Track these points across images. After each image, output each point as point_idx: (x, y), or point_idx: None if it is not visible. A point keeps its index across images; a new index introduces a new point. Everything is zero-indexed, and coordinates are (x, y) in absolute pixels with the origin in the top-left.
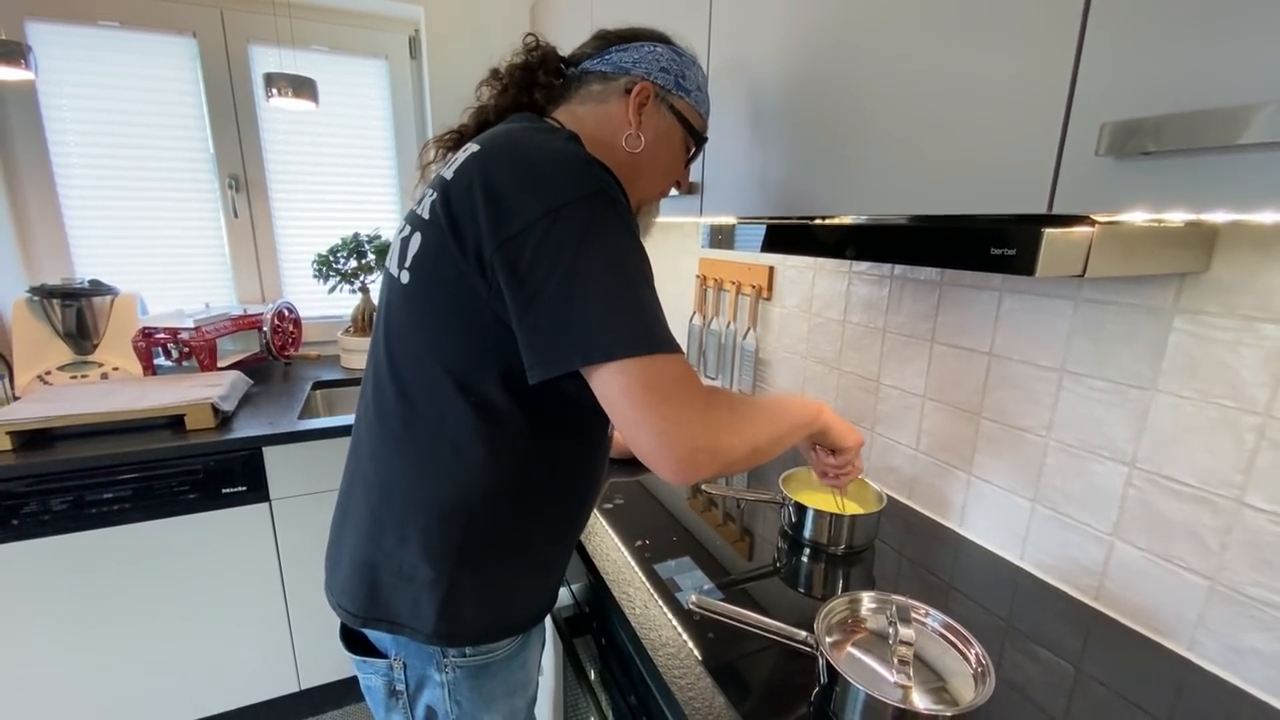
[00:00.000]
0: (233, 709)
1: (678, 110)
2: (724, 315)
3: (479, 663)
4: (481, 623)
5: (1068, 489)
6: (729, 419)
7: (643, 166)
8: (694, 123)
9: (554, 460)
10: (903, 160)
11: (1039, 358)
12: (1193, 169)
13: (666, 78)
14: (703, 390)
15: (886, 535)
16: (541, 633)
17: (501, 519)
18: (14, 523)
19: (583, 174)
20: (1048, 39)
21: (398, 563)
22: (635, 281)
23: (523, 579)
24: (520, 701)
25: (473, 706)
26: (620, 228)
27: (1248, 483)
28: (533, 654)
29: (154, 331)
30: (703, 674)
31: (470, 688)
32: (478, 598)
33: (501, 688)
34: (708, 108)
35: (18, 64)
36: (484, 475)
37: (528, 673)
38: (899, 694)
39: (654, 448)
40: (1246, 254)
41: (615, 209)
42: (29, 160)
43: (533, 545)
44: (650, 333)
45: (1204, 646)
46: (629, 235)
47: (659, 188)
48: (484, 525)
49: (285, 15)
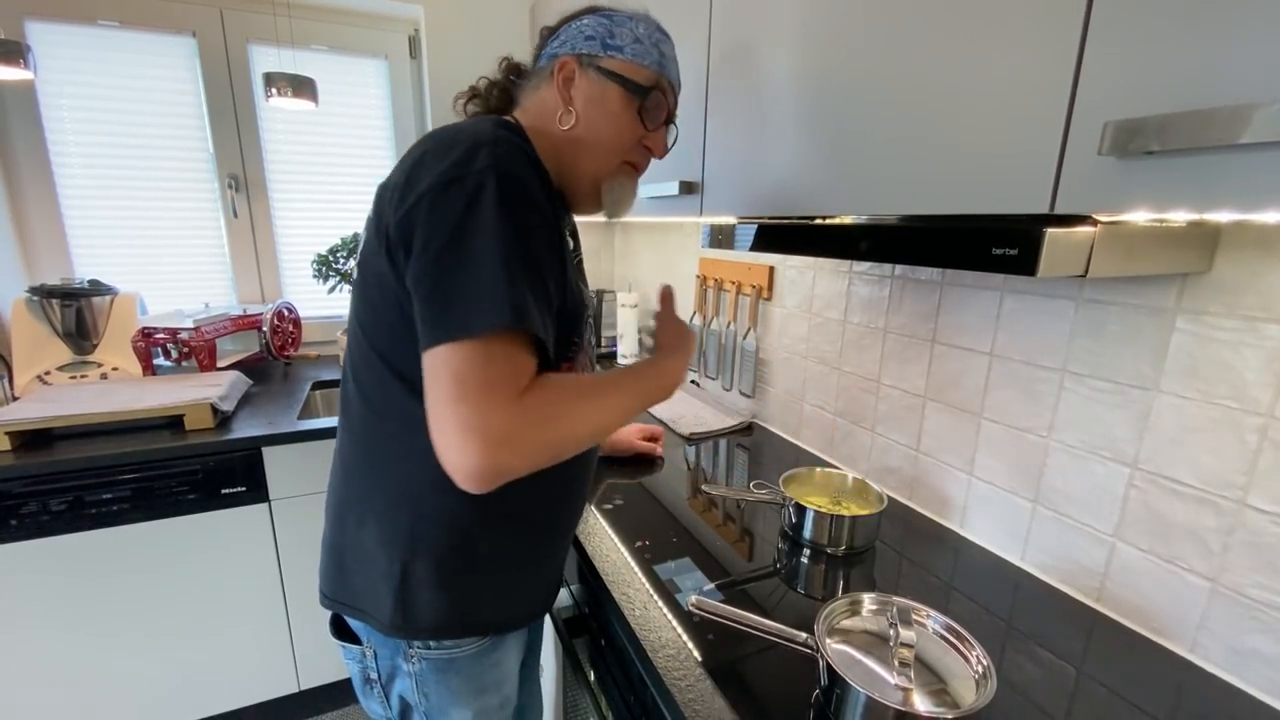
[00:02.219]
0: (232, 709)
1: (610, 70)
2: (724, 315)
3: (444, 657)
4: (437, 617)
5: (1069, 490)
6: (539, 428)
7: (582, 140)
8: (633, 76)
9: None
10: (904, 160)
11: (1040, 358)
12: (1196, 168)
13: (591, 44)
14: (516, 388)
15: (887, 536)
16: (523, 637)
17: (450, 511)
18: (13, 523)
19: (477, 151)
20: (1050, 38)
21: (359, 547)
22: (488, 259)
23: (482, 580)
24: (493, 701)
25: (440, 700)
26: (500, 204)
27: (1250, 484)
28: (509, 656)
29: (153, 331)
30: (702, 675)
31: (436, 681)
32: (433, 592)
33: (469, 685)
34: (655, 57)
35: (17, 63)
36: (428, 463)
37: (501, 673)
38: (900, 696)
39: (441, 448)
40: (1249, 254)
41: (506, 185)
42: (28, 160)
43: (489, 544)
44: (472, 317)
45: (1206, 648)
46: (510, 213)
47: (611, 158)
48: (432, 515)
49: (285, 15)
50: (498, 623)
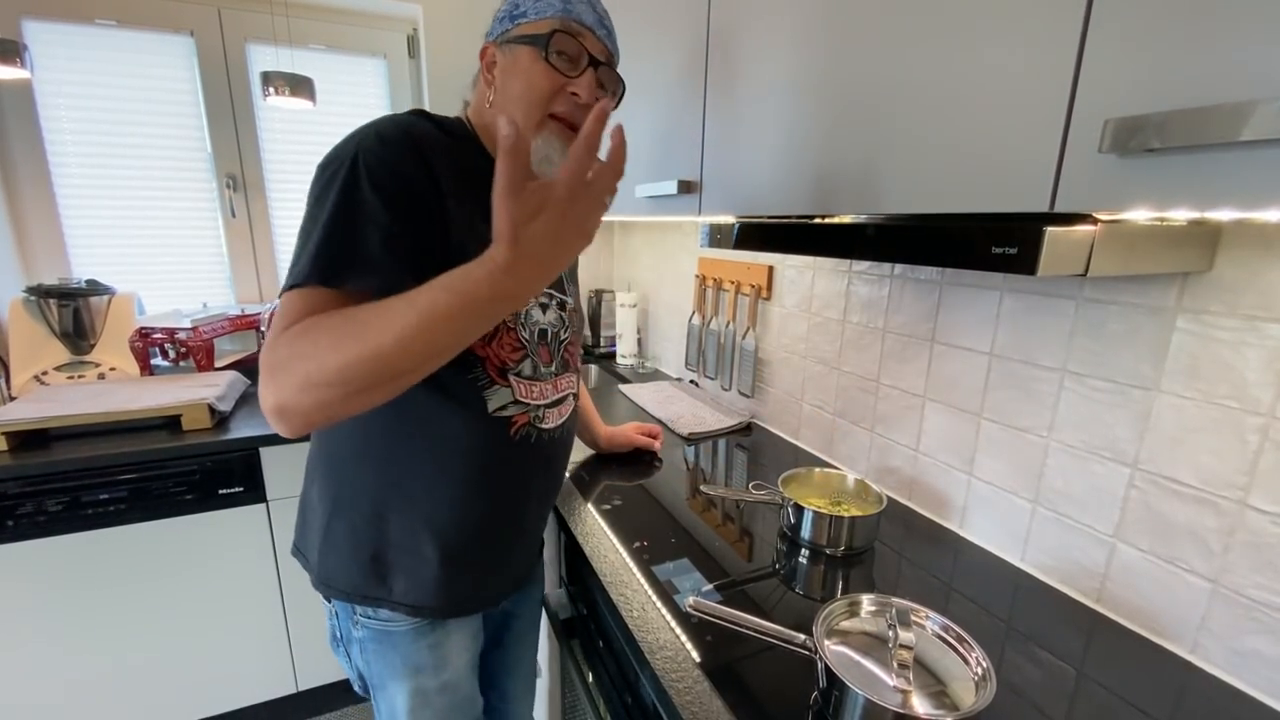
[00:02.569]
0: (230, 710)
1: (516, 36)
2: (723, 315)
3: (381, 629)
4: (351, 580)
5: (1069, 490)
6: (299, 358)
7: (500, 104)
8: (535, 30)
9: (411, 418)
10: (903, 158)
11: (1040, 358)
12: (1197, 166)
13: (502, 23)
14: (293, 326)
15: (886, 537)
16: (471, 629)
17: (364, 483)
18: (10, 524)
19: (350, 140)
20: (1050, 34)
21: (309, 501)
22: (318, 226)
23: (395, 558)
24: (429, 682)
25: (379, 669)
26: (349, 178)
27: (1251, 484)
28: (450, 642)
29: (151, 331)
30: (700, 677)
31: (375, 651)
32: (346, 548)
33: (403, 662)
34: (558, 5)
35: (14, 63)
36: (350, 434)
37: (440, 657)
38: (899, 698)
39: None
40: (1250, 253)
41: (364, 159)
42: (25, 159)
43: (398, 526)
44: (290, 276)
45: (1206, 649)
46: (357, 184)
47: (530, 112)
48: (351, 484)
49: (283, 14)
50: (415, 606)
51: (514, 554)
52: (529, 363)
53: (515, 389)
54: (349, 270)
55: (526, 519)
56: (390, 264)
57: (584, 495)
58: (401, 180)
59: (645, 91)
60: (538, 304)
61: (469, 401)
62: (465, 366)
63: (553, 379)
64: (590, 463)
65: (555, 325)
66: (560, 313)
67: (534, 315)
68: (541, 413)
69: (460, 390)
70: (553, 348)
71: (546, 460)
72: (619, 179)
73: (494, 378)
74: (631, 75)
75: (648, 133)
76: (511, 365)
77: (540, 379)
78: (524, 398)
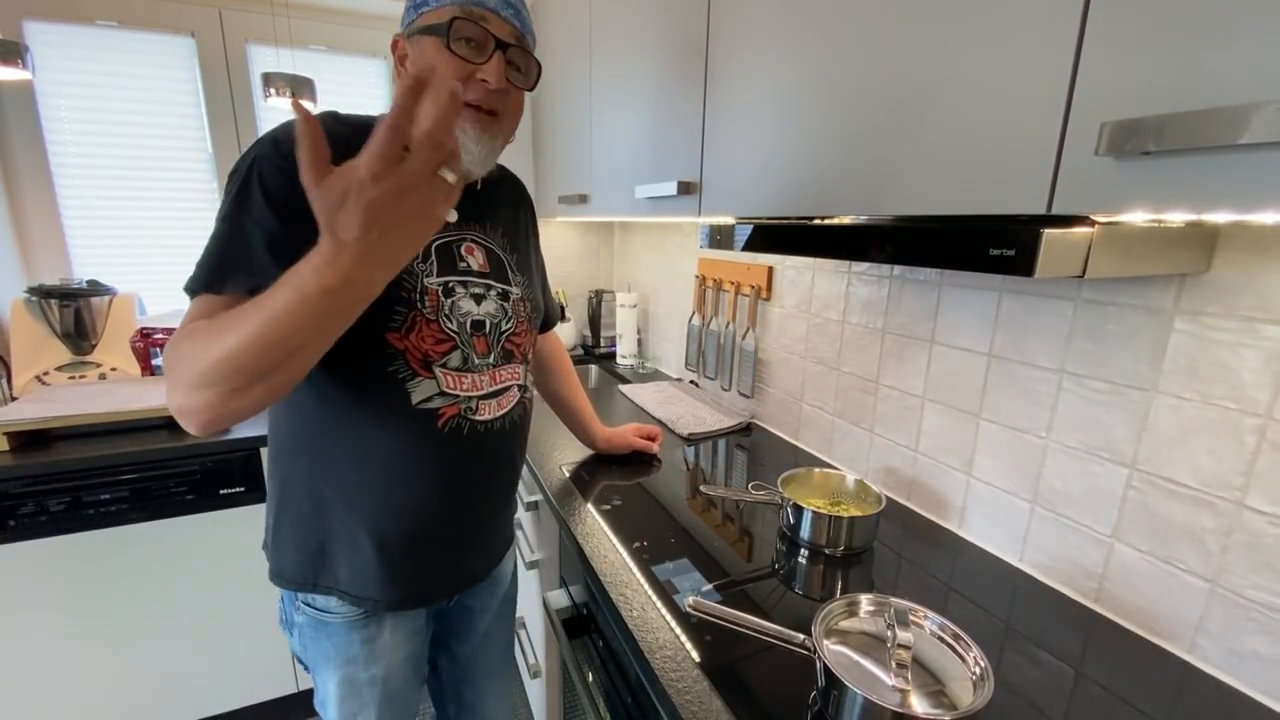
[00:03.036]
0: (230, 710)
1: (420, 28)
2: (723, 315)
3: (317, 619)
4: (294, 568)
5: (1068, 491)
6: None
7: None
8: (436, 20)
9: (338, 411)
10: (902, 160)
11: (1038, 359)
12: (1193, 169)
13: (408, 15)
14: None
15: (885, 537)
16: (411, 628)
17: (302, 469)
18: (11, 524)
19: (249, 150)
20: (1047, 37)
21: (269, 491)
22: (213, 236)
23: (336, 545)
24: (360, 674)
25: (314, 655)
26: (239, 191)
27: (1248, 485)
28: (387, 638)
29: (152, 332)
30: (700, 676)
31: (312, 639)
32: (293, 540)
33: (336, 651)
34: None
35: (15, 64)
36: (289, 428)
37: (372, 651)
38: (897, 697)
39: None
40: (1247, 254)
41: (257, 168)
42: (27, 160)
43: (338, 519)
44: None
45: (1204, 649)
46: (247, 194)
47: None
48: (292, 470)
49: (284, 14)
50: (358, 596)
51: (460, 549)
52: (458, 354)
53: (441, 381)
54: (231, 277)
55: (470, 513)
56: (272, 267)
57: (584, 495)
58: (293, 183)
59: (644, 91)
60: (469, 295)
61: (391, 394)
62: (385, 359)
63: (490, 370)
64: (590, 463)
65: (495, 316)
66: (502, 303)
67: (463, 306)
68: (475, 404)
69: (382, 383)
70: (491, 339)
71: (488, 453)
72: (441, 152)
73: (416, 369)
74: (630, 74)
75: (647, 133)
76: (436, 357)
77: (473, 370)
78: (452, 389)
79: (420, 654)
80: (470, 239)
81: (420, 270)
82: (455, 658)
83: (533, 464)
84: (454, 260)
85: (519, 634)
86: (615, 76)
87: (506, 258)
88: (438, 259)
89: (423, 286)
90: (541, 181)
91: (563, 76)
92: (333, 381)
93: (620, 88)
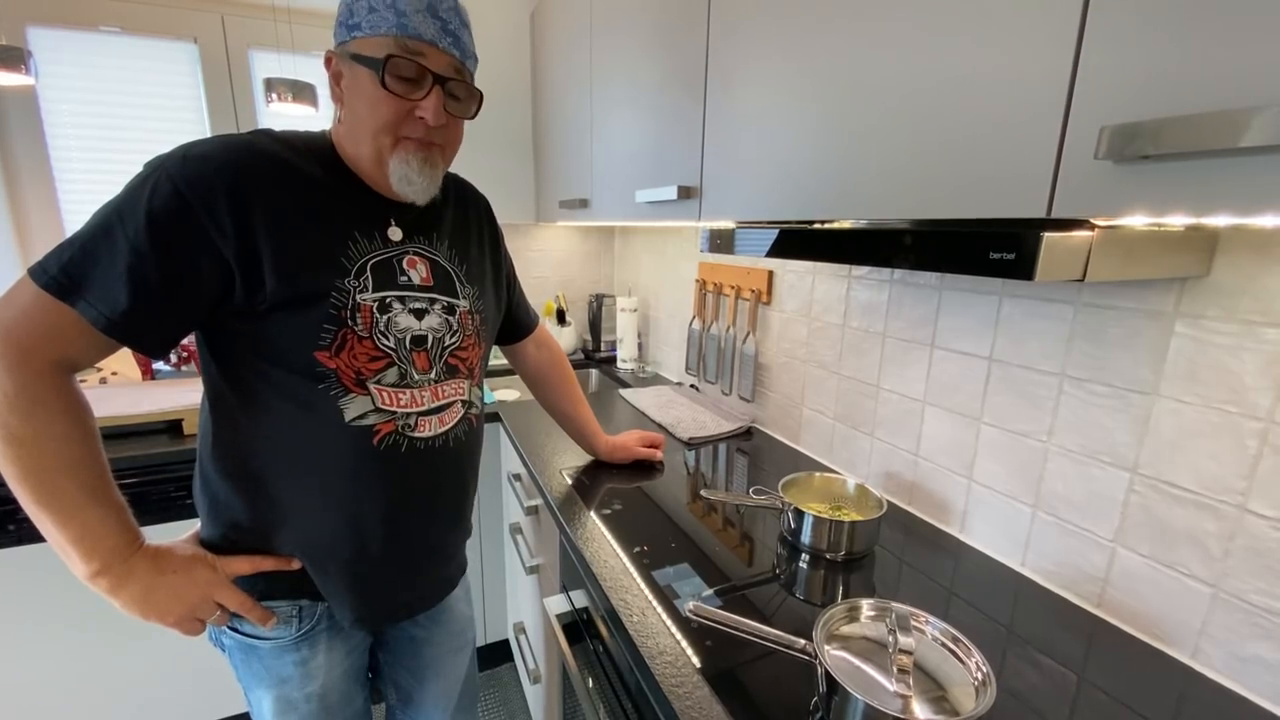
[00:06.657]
0: (230, 715)
1: (353, 54)
2: (724, 320)
3: (245, 643)
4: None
5: (1069, 495)
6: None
7: (349, 130)
8: (371, 52)
9: (271, 429)
10: (902, 164)
11: (1039, 362)
12: (1193, 172)
13: (340, 31)
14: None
15: (886, 541)
16: (349, 645)
17: (229, 483)
18: (10, 528)
19: (183, 146)
20: (1046, 41)
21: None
22: (95, 223)
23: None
24: (295, 693)
25: (245, 676)
26: (138, 192)
27: (1250, 489)
28: (321, 659)
29: None
30: (700, 682)
31: (242, 661)
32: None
33: (268, 673)
34: (391, 20)
35: (18, 69)
36: (214, 424)
37: (306, 672)
38: (899, 703)
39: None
40: (1247, 258)
41: (155, 176)
42: (29, 165)
43: (268, 530)
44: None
45: (1207, 654)
46: (146, 194)
47: (379, 139)
48: (210, 476)
49: (285, 20)
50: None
51: (406, 571)
52: (395, 370)
53: (376, 397)
54: (85, 294)
55: (414, 535)
56: (123, 294)
57: (584, 500)
58: (180, 210)
59: (645, 95)
60: (409, 310)
61: (324, 411)
62: (315, 378)
63: (431, 385)
64: (590, 467)
65: (438, 330)
66: (447, 317)
67: (401, 321)
68: (414, 420)
69: (313, 400)
70: (433, 354)
71: (429, 471)
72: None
73: (349, 386)
74: (630, 78)
75: (648, 137)
76: (370, 374)
77: (412, 386)
78: (387, 405)
79: (361, 667)
80: (413, 251)
81: (353, 287)
82: (400, 689)
83: (533, 468)
84: (394, 275)
85: (519, 639)
86: (616, 81)
87: (454, 269)
88: (373, 275)
89: (355, 303)
90: (542, 186)
91: (563, 81)
92: (266, 400)
93: (621, 92)
